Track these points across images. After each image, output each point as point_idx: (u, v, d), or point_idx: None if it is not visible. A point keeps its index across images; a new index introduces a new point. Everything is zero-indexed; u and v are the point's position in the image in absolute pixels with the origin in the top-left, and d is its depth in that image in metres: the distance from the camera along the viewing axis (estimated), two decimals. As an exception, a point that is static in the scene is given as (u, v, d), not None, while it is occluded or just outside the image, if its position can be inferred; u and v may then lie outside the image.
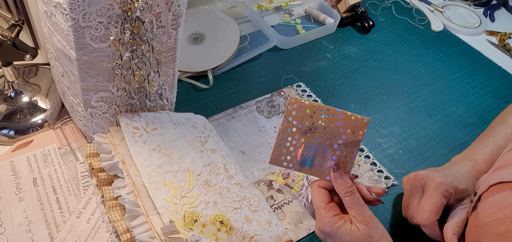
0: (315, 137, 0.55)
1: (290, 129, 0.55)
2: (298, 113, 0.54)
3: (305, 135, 0.55)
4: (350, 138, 0.55)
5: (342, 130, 0.55)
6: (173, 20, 0.60)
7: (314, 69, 0.92)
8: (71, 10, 0.52)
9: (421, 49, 1.02)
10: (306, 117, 0.54)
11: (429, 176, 0.61)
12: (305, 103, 0.54)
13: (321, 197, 0.55)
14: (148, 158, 0.60)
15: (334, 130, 0.55)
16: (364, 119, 0.55)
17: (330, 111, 0.54)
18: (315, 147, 0.55)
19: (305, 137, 0.55)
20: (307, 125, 0.54)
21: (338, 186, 0.54)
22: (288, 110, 0.54)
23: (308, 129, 0.54)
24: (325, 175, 0.56)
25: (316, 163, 0.56)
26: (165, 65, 0.65)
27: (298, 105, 0.54)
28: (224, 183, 0.63)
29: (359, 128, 0.55)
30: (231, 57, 0.88)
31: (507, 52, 1.05)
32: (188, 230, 0.55)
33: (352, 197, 0.54)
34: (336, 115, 0.54)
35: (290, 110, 0.54)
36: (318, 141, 0.55)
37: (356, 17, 1.06)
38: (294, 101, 0.54)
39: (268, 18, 1.03)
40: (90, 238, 0.59)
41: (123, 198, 0.57)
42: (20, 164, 0.66)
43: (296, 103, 0.54)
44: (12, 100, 0.73)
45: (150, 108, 0.67)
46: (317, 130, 0.55)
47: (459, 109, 0.88)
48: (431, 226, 0.60)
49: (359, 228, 0.53)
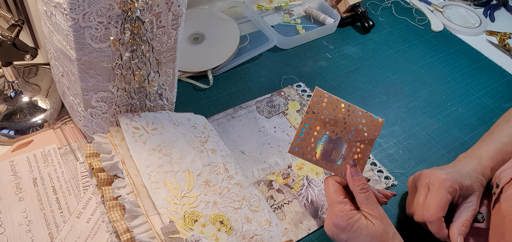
0: (335, 130, 0.55)
1: (312, 119, 0.55)
2: (322, 104, 0.55)
3: (325, 127, 0.55)
4: (366, 136, 0.56)
5: (360, 127, 0.56)
6: (173, 20, 0.60)
7: (314, 69, 0.92)
8: (71, 10, 0.52)
9: (421, 49, 1.02)
10: (329, 109, 0.55)
11: (433, 174, 0.62)
12: (330, 96, 0.55)
13: (337, 191, 0.55)
14: (148, 158, 0.60)
15: (353, 125, 0.55)
16: (379, 119, 0.56)
17: (351, 107, 0.56)
18: (334, 140, 0.56)
19: (326, 129, 0.55)
20: (329, 118, 0.55)
21: (354, 182, 0.54)
22: (313, 101, 0.55)
23: (329, 122, 0.55)
24: (340, 171, 0.56)
25: (333, 157, 0.56)
26: (165, 65, 0.65)
27: (322, 97, 0.55)
28: (224, 183, 0.63)
29: (375, 127, 0.56)
30: (231, 57, 0.88)
31: (507, 52, 1.05)
32: (188, 230, 0.55)
33: (367, 194, 0.54)
34: (355, 112, 0.56)
35: (315, 101, 0.55)
36: (338, 135, 0.55)
37: (356, 17, 1.06)
38: (319, 92, 0.55)
39: (268, 18, 1.03)
40: (90, 238, 0.59)
41: (123, 198, 0.57)
42: (20, 164, 0.66)
43: (321, 95, 0.55)
44: (12, 100, 0.73)
45: (150, 108, 0.67)
46: (337, 124, 0.55)
47: (459, 109, 0.88)
48: (437, 223, 0.59)
49: (374, 223, 0.53)
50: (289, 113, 0.81)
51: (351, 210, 0.53)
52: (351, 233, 0.53)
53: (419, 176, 0.64)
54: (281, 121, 0.80)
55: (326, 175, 0.70)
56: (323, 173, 0.71)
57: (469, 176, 0.62)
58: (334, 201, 0.54)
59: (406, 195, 0.70)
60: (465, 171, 0.63)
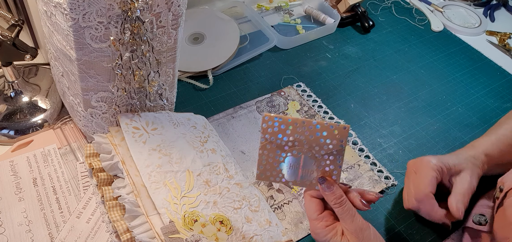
0: (295, 150, 0.54)
1: (269, 146, 0.54)
2: (274, 130, 0.53)
3: (285, 150, 0.54)
4: (332, 148, 0.53)
5: (322, 141, 0.53)
6: (173, 20, 0.60)
7: (314, 69, 0.92)
8: (71, 10, 0.52)
9: (421, 49, 1.02)
10: (283, 132, 0.53)
11: (418, 159, 0.64)
12: (279, 120, 0.53)
13: (313, 207, 0.55)
14: (148, 158, 0.60)
15: (313, 141, 0.53)
16: (344, 127, 0.53)
17: (306, 123, 0.53)
18: (298, 159, 0.54)
19: (286, 152, 0.54)
20: (286, 140, 0.53)
21: (327, 197, 0.54)
22: (263, 128, 0.53)
23: (287, 144, 0.53)
24: (314, 185, 0.55)
25: (304, 174, 0.55)
26: (165, 65, 0.65)
27: (272, 123, 0.53)
28: (224, 183, 0.63)
29: (340, 136, 0.53)
30: (231, 57, 0.88)
31: (507, 52, 1.05)
32: (188, 230, 0.55)
33: (341, 208, 0.53)
34: (313, 128, 0.53)
35: (265, 128, 0.53)
36: (301, 153, 0.54)
37: (356, 17, 1.06)
38: (267, 118, 0.53)
39: (268, 18, 1.03)
40: (90, 238, 0.59)
41: (123, 198, 0.57)
42: (20, 164, 0.66)
43: (270, 120, 0.53)
44: (12, 100, 0.73)
45: (150, 108, 0.67)
46: (296, 143, 0.53)
47: (459, 109, 0.88)
48: (427, 200, 0.60)
49: (350, 240, 0.53)
50: (289, 114, 0.81)
51: (327, 226, 0.54)
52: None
53: (408, 165, 0.66)
54: (281, 120, 0.80)
55: None
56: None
57: (456, 157, 0.64)
58: (311, 217, 0.55)
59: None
60: (454, 155, 0.65)
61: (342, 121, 0.81)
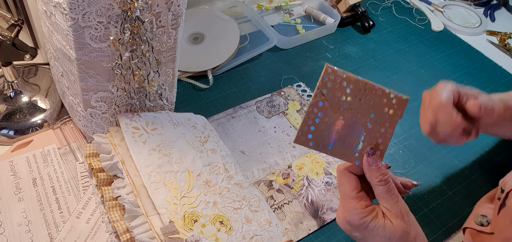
0: (350, 114, 0.47)
1: (322, 103, 0.47)
2: (334, 85, 0.47)
3: (338, 111, 0.47)
4: (386, 117, 0.48)
5: (379, 107, 0.48)
6: (173, 20, 0.60)
7: (314, 69, 0.92)
8: (70, 10, 0.51)
9: (421, 49, 1.02)
10: (342, 91, 0.47)
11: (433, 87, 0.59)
12: (342, 75, 0.47)
13: (351, 183, 0.48)
14: (148, 158, 0.60)
15: (372, 107, 0.47)
16: (403, 97, 0.48)
17: (369, 85, 0.47)
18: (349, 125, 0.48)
19: (339, 113, 0.47)
20: (343, 99, 0.47)
21: (371, 173, 0.47)
22: (323, 81, 0.47)
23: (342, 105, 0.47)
24: (355, 159, 0.49)
25: (347, 144, 0.48)
26: (165, 65, 0.65)
27: (334, 77, 0.47)
28: (224, 183, 0.63)
29: (397, 107, 0.48)
30: (231, 57, 0.88)
31: (507, 52, 1.05)
32: (188, 230, 0.55)
33: (386, 186, 0.47)
34: (374, 91, 0.47)
35: (325, 81, 0.47)
36: (353, 118, 0.48)
37: (356, 17, 1.05)
38: (330, 71, 0.46)
39: (268, 18, 1.03)
40: (89, 238, 0.59)
41: (122, 198, 0.57)
42: (19, 164, 0.66)
43: (332, 74, 0.47)
44: (11, 100, 0.72)
45: (150, 108, 0.67)
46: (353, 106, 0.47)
47: (459, 109, 0.88)
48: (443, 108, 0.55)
49: (393, 223, 0.47)
50: (289, 113, 0.81)
51: (367, 207, 0.47)
52: (366, 232, 0.47)
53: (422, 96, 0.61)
54: (281, 120, 0.79)
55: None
56: (323, 173, 0.71)
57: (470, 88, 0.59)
58: (347, 195, 0.48)
59: (411, 199, 0.70)
60: None
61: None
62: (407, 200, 0.70)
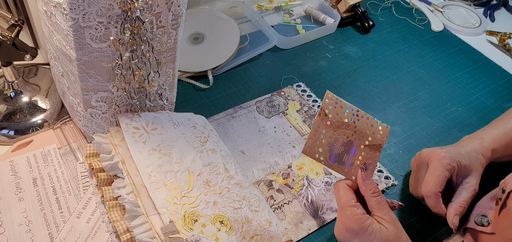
0: (346, 133, 0.56)
1: (324, 122, 0.56)
2: (333, 107, 0.56)
3: (337, 129, 0.56)
4: (374, 141, 0.56)
5: (368, 132, 0.56)
6: (173, 20, 0.60)
7: (314, 69, 0.92)
8: (71, 10, 0.52)
9: (421, 49, 1.02)
10: (340, 113, 0.56)
11: (433, 151, 0.64)
12: (340, 100, 0.57)
13: (348, 194, 0.54)
14: (148, 158, 0.60)
15: (362, 130, 0.56)
16: (386, 126, 0.57)
17: (360, 112, 0.57)
18: (345, 144, 0.56)
19: (337, 132, 0.56)
20: (340, 121, 0.56)
21: (365, 186, 0.54)
22: (325, 103, 0.56)
23: (340, 125, 0.56)
24: (351, 174, 0.56)
25: (344, 160, 0.56)
26: (165, 65, 0.65)
27: (334, 100, 0.56)
28: (224, 183, 0.63)
29: (382, 133, 0.57)
30: (231, 57, 0.88)
31: (507, 52, 1.05)
32: (188, 230, 0.55)
33: (379, 198, 0.53)
34: (364, 117, 0.57)
35: (326, 103, 0.56)
36: (349, 138, 0.56)
37: (356, 17, 1.06)
38: (330, 96, 0.56)
39: (268, 18, 1.03)
40: (90, 238, 0.59)
41: (123, 198, 0.57)
42: (20, 164, 0.66)
43: (332, 98, 0.56)
44: (12, 100, 0.73)
45: (150, 108, 0.67)
46: (348, 128, 0.56)
47: (459, 109, 0.88)
48: (434, 197, 0.61)
49: (387, 228, 0.52)
50: (289, 113, 0.81)
51: (364, 214, 0.53)
52: (365, 237, 0.52)
53: (419, 155, 0.66)
54: (281, 120, 0.80)
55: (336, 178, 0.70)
56: (323, 173, 0.71)
57: (468, 156, 0.64)
58: (346, 204, 0.53)
59: (410, 199, 0.71)
60: (465, 150, 0.65)
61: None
62: (408, 200, 0.70)
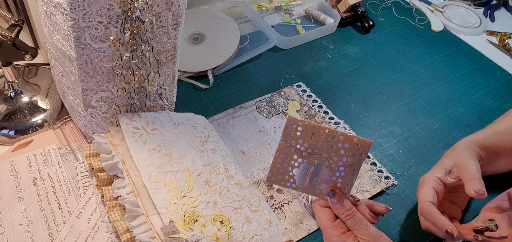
0: (314, 158, 0.53)
1: (288, 149, 0.53)
2: (296, 134, 0.52)
3: (303, 156, 0.53)
4: (350, 161, 0.53)
5: (342, 152, 0.53)
6: (173, 20, 0.60)
7: (314, 69, 0.92)
8: (71, 10, 0.52)
9: (421, 49, 1.02)
10: (306, 138, 0.52)
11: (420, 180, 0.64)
12: (305, 124, 0.52)
13: (325, 215, 0.54)
14: (148, 158, 0.60)
15: (334, 151, 0.53)
16: (366, 141, 0.52)
17: (330, 133, 0.52)
18: (314, 167, 0.54)
19: (303, 158, 0.53)
20: (306, 146, 0.52)
21: (336, 211, 0.54)
22: (286, 131, 0.52)
23: (306, 150, 0.53)
24: (323, 195, 0.55)
25: (315, 182, 0.54)
26: (165, 65, 0.65)
27: (296, 126, 0.52)
28: (224, 183, 0.63)
29: (360, 150, 0.53)
30: (231, 57, 0.88)
31: (507, 52, 1.05)
32: (188, 230, 0.55)
33: (353, 219, 0.53)
34: (336, 138, 0.52)
35: (288, 131, 0.52)
36: (318, 162, 0.53)
37: (356, 17, 1.06)
38: (292, 121, 0.52)
39: (268, 18, 1.03)
40: (90, 238, 0.59)
41: (123, 198, 0.57)
42: (20, 164, 0.66)
43: (294, 124, 0.52)
44: (12, 100, 0.73)
45: (150, 108, 0.67)
46: (315, 151, 0.53)
47: (459, 109, 0.88)
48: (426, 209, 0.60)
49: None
50: (289, 114, 0.81)
51: (343, 233, 0.53)
52: None
53: None
54: (281, 121, 0.80)
55: None
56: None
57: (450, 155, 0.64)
58: (325, 226, 0.54)
59: (410, 199, 0.71)
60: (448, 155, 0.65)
61: (342, 121, 0.81)
62: (408, 200, 0.70)
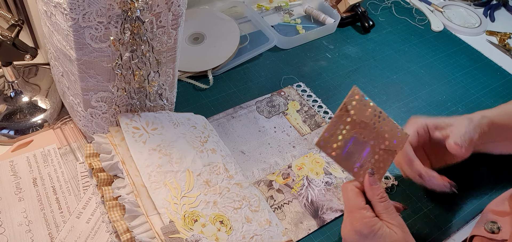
0: (363, 133, 0.54)
1: (344, 118, 0.54)
2: (356, 105, 0.54)
3: (355, 127, 0.54)
4: (390, 146, 0.54)
5: (386, 136, 0.54)
6: (173, 20, 0.60)
7: (314, 69, 0.92)
8: (71, 10, 0.52)
9: (421, 49, 1.02)
10: (362, 111, 0.54)
11: None
12: (365, 99, 0.54)
13: (358, 196, 0.54)
14: (148, 158, 0.60)
15: (380, 133, 0.54)
16: (405, 133, 0.55)
17: (382, 114, 0.55)
18: (359, 143, 0.54)
19: (355, 130, 0.54)
20: (360, 120, 0.54)
21: (372, 191, 0.53)
22: (349, 99, 0.53)
23: (359, 123, 0.54)
24: (359, 175, 0.55)
25: (355, 159, 0.55)
26: (165, 65, 0.65)
27: (359, 97, 0.54)
28: (224, 183, 0.63)
29: (400, 140, 0.55)
30: (231, 57, 0.88)
31: (507, 52, 1.05)
32: (188, 230, 0.55)
33: (386, 203, 0.53)
34: (386, 120, 0.55)
35: (350, 100, 0.53)
36: (364, 138, 0.54)
37: (356, 17, 1.06)
38: (356, 92, 0.54)
39: (268, 18, 1.03)
40: (90, 238, 0.59)
41: (123, 198, 0.57)
42: (20, 164, 0.66)
43: (357, 95, 0.54)
44: (12, 100, 0.73)
45: (150, 108, 0.67)
46: (366, 127, 0.54)
47: (459, 110, 0.88)
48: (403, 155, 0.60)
49: (396, 232, 0.52)
50: (289, 113, 0.81)
51: (373, 217, 0.52)
52: (374, 240, 0.51)
53: None
54: (281, 120, 0.80)
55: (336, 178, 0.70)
56: (323, 173, 0.71)
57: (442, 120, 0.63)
58: (355, 206, 0.53)
59: (410, 199, 0.71)
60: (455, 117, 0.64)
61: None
62: (408, 200, 0.70)
